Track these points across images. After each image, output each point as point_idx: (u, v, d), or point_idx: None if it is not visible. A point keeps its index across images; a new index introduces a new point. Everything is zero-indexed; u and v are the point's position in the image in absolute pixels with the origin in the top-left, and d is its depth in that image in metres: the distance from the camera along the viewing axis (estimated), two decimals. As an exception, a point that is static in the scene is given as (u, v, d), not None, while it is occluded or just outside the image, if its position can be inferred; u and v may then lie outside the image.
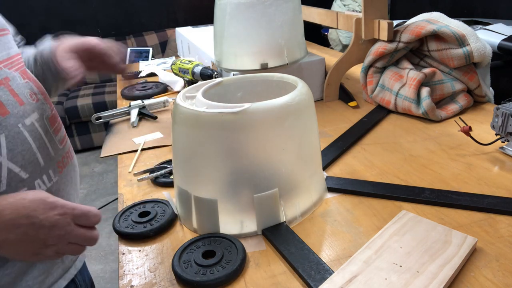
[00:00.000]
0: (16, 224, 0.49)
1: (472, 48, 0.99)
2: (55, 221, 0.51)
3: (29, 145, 0.59)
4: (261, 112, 0.61)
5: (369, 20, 1.10)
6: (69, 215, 0.52)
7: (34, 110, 0.62)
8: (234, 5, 1.06)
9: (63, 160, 0.67)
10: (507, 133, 0.79)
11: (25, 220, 0.49)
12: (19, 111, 0.59)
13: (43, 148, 0.61)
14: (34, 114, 0.61)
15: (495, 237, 0.60)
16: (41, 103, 0.64)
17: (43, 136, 0.62)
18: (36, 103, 0.63)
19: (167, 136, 1.05)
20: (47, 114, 0.65)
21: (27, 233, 0.49)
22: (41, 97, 0.65)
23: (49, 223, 0.50)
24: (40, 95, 0.65)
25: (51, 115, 0.66)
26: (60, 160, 0.66)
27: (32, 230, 0.49)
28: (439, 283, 0.50)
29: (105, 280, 2.02)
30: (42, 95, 0.66)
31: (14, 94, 0.59)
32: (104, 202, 2.58)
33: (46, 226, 0.50)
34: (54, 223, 0.51)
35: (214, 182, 0.66)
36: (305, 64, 1.15)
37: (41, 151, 0.61)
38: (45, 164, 0.61)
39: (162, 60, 1.90)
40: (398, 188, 0.73)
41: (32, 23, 3.59)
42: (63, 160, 0.67)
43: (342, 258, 0.59)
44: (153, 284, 0.58)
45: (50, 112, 0.66)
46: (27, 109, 0.60)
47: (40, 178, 0.60)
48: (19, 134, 0.57)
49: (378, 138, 0.95)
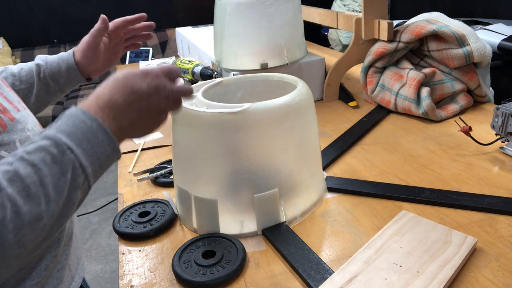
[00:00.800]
0: (129, 103, 0.50)
1: (472, 48, 0.99)
2: (156, 85, 0.52)
3: None
4: (261, 112, 0.61)
5: (369, 20, 1.10)
6: (162, 74, 0.54)
7: (27, 116, 0.61)
8: (234, 5, 1.06)
9: None
10: (507, 133, 0.79)
11: (133, 96, 0.50)
12: (20, 117, 0.58)
13: None
14: (30, 120, 0.61)
15: (495, 237, 0.60)
16: (27, 110, 0.63)
17: None
18: (25, 111, 0.62)
19: (167, 136, 1.05)
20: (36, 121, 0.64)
21: (142, 105, 0.51)
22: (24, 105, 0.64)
23: (153, 89, 0.51)
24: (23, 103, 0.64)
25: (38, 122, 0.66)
26: None
27: (144, 101, 0.51)
28: (439, 283, 0.50)
29: (105, 280, 2.02)
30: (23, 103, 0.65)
31: (10, 102, 0.59)
32: (104, 202, 2.58)
33: (152, 93, 0.51)
34: (157, 87, 0.52)
35: (214, 182, 0.66)
36: (305, 64, 1.15)
37: None
38: None
39: (162, 60, 1.90)
40: (398, 188, 0.73)
41: (32, 23, 3.59)
42: None
43: (342, 258, 0.59)
44: (153, 284, 0.58)
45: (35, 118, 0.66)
46: (24, 115, 0.60)
47: None
48: (28, 139, 0.57)
49: (378, 138, 0.95)
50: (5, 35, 3.52)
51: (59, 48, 3.61)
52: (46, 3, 3.57)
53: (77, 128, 0.46)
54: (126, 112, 0.50)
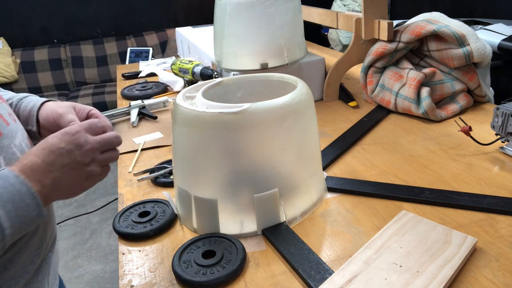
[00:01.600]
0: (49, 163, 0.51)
1: (472, 48, 0.99)
2: (77, 142, 0.53)
3: None
4: (261, 112, 0.61)
5: (369, 20, 1.10)
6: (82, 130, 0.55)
7: (17, 130, 0.61)
8: (234, 5, 1.06)
9: None
10: (507, 133, 0.79)
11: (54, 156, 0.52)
12: (8, 132, 0.58)
13: None
14: (19, 134, 0.60)
15: (495, 237, 0.60)
16: (18, 123, 0.63)
17: None
18: (15, 124, 0.61)
19: (167, 136, 1.05)
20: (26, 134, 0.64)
21: (64, 163, 0.52)
22: (15, 117, 0.64)
23: (74, 146, 0.53)
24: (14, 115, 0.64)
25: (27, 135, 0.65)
26: None
27: (65, 159, 0.52)
28: (439, 283, 0.50)
29: (105, 280, 2.02)
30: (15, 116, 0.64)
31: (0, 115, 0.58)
32: (104, 202, 2.58)
33: (73, 149, 0.53)
34: (77, 143, 0.53)
35: (214, 182, 0.66)
36: (305, 64, 1.15)
37: None
38: None
39: (162, 60, 1.90)
40: (398, 188, 0.73)
41: (32, 23, 3.59)
42: None
43: (342, 258, 0.59)
44: (153, 284, 0.58)
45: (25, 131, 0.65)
46: (12, 129, 0.59)
47: None
48: (14, 155, 0.57)
49: (378, 138, 0.95)
50: (5, 35, 3.52)
51: (59, 48, 3.61)
52: (46, 3, 3.57)
53: (4, 190, 0.48)
54: (47, 172, 0.51)
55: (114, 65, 3.65)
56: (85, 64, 3.65)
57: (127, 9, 3.76)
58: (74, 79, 3.66)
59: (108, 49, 3.70)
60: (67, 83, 3.64)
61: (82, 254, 2.21)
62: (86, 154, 0.54)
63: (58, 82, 3.60)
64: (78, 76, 3.65)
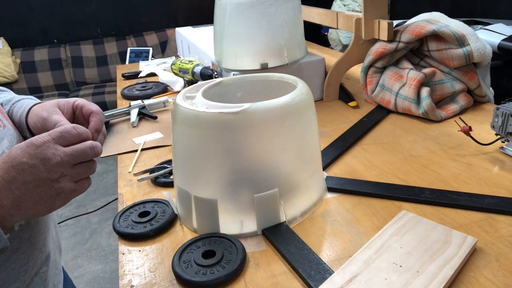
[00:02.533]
0: (9, 180, 0.45)
1: (472, 48, 0.99)
2: (42, 155, 0.46)
3: None
4: (261, 112, 0.61)
5: (369, 20, 1.10)
6: (49, 140, 0.48)
7: (3, 137, 0.57)
8: (234, 5, 1.06)
9: None
10: (507, 133, 0.79)
11: (14, 171, 0.45)
12: None
13: None
14: (5, 141, 0.57)
15: (495, 237, 0.60)
16: (8, 129, 0.60)
17: None
18: (3, 130, 0.58)
19: (167, 136, 1.05)
20: (16, 140, 0.61)
21: (26, 180, 0.46)
22: (6, 123, 0.61)
23: (38, 160, 0.46)
24: (6, 121, 0.61)
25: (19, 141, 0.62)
26: None
27: (28, 175, 0.46)
28: (439, 283, 0.50)
29: (105, 280, 2.02)
30: (7, 121, 0.61)
31: None
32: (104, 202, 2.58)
33: (37, 164, 0.46)
34: (43, 157, 0.46)
35: (214, 182, 0.66)
36: (305, 64, 1.15)
37: None
38: None
39: (162, 60, 1.90)
40: (398, 188, 0.73)
41: (32, 23, 3.59)
42: None
43: (342, 258, 0.59)
44: (153, 284, 0.58)
45: (18, 138, 0.62)
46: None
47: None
48: None
49: (378, 138, 0.95)
50: (5, 35, 3.52)
51: (59, 48, 3.61)
52: (46, 3, 3.57)
53: None
54: (6, 191, 0.45)
55: (114, 65, 3.66)
56: (85, 64, 3.65)
57: (127, 9, 3.77)
58: (74, 79, 3.66)
59: (108, 49, 3.71)
60: (67, 83, 3.64)
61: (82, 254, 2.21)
62: (54, 168, 0.47)
63: (58, 82, 3.61)
64: (78, 76, 3.65)
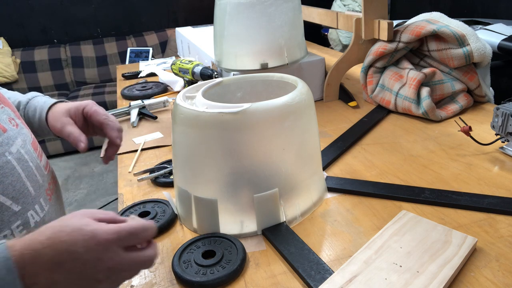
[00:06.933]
0: (57, 262, 0.41)
1: (472, 48, 0.99)
2: (99, 255, 0.42)
3: (19, 174, 0.56)
4: (261, 112, 0.61)
5: (369, 20, 1.10)
6: (114, 241, 0.43)
7: (16, 136, 0.58)
8: (234, 5, 1.06)
9: (50, 187, 0.64)
10: (507, 133, 0.79)
11: (67, 256, 0.41)
12: (4, 139, 0.55)
13: (31, 176, 0.58)
14: (18, 141, 0.58)
15: (495, 237, 0.60)
16: (21, 128, 0.61)
17: (30, 164, 0.59)
18: (16, 129, 0.59)
19: (167, 136, 1.05)
20: (29, 140, 0.62)
21: (72, 271, 0.42)
22: (19, 122, 0.61)
23: (93, 257, 0.42)
24: (18, 120, 0.61)
25: (32, 140, 0.63)
26: (48, 187, 0.63)
27: (77, 267, 0.42)
28: (439, 283, 0.50)
29: (105, 280, 2.01)
30: (19, 120, 0.62)
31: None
32: (104, 202, 2.58)
33: (90, 261, 0.42)
34: (99, 257, 0.42)
35: (214, 182, 0.66)
36: (305, 64, 1.15)
37: (30, 180, 0.58)
38: (35, 193, 0.58)
39: (162, 60, 1.91)
40: (398, 188, 0.73)
41: (32, 23, 3.59)
42: (50, 187, 0.64)
43: (342, 258, 0.59)
44: (153, 284, 0.58)
45: (30, 137, 0.63)
46: (10, 136, 0.57)
47: (33, 209, 0.58)
48: (7, 164, 0.54)
49: (378, 138, 0.95)
50: (5, 35, 3.52)
51: (59, 48, 3.61)
52: (46, 3, 3.57)
53: None
54: (48, 271, 0.42)
55: (114, 65, 3.65)
56: (85, 64, 3.65)
57: (127, 9, 3.76)
58: (74, 79, 3.66)
59: (108, 49, 3.70)
60: (67, 83, 3.64)
61: (82, 254, 2.20)
62: (104, 271, 0.43)
63: (58, 82, 3.60)
64: (78, 76, 3.65)
